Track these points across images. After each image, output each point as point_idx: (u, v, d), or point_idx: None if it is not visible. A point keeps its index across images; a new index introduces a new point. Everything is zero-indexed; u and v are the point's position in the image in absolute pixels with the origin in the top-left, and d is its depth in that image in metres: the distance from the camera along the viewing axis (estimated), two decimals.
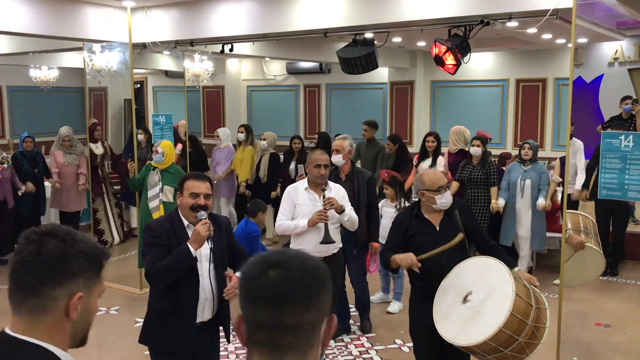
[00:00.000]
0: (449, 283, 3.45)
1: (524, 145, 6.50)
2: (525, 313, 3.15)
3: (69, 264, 1.36)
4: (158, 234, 3.14)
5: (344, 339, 5.22)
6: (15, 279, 1.36)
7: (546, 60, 10.34)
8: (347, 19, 5.61)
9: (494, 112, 10.91)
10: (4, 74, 12.03)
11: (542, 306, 3.29)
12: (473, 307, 3.27)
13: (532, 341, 3.19)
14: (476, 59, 10.19)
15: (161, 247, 3.11)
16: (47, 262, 1.34)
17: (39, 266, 1.34)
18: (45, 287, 1.34)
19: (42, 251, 1.34)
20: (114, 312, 5.92)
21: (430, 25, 5.52)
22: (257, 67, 13.05)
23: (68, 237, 1.38)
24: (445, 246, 3.49)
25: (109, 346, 5.16)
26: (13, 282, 1.37)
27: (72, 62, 9.90)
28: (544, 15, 4.70)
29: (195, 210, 3.12)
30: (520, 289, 3.20)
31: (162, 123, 6.88)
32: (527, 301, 3.18)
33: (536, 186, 6.36)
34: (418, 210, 3.68)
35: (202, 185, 3.16)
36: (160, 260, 3.07)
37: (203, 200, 3.13)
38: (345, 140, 5.06)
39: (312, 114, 12.73)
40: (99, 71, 7.25)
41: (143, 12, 6.56)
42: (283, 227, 4.38)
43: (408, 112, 11.40)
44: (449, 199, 3.62)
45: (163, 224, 3.21)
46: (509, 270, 3.28)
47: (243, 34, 6.18)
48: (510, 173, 6.56)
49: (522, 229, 6.46)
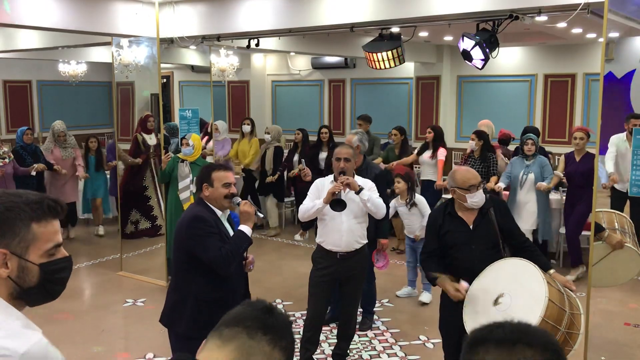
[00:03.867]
0: (481, 284, 3.38)
1: (526, 140, 6.58)
2: (557, 319, 3.06)
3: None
4: (210, 223, 3.29)
5: (368, 334, 5.22)
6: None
7: (576, 55, 10.16)
8: (374, 14, 5.58)
9: (521, 107, 10.76)
10: (34, 69, 12.25)
11: (576, 312, 3.20)
12: (504, 310, 3.18)
13: (564, 347, 3.10)
14: (504, 54, 10.05)
15: (217, 235, 3.27)
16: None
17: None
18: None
19: None
20: (140, 303, 5.99)
21: (458, 20, 5.45)
22: (282, 62, 13.06)
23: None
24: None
25: (135, 337, 5.23)
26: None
27: (100, 56, 10.02)
28: (574, 10, 4.61)
29: (229, 199, 3.33)
30: (554, 294, 3.11)
31: (188, 117, 6.95)
32: (560, 307, 3.10)
33: (539, 180, 6.45)
34: (451, 208, 3.61)
35: (231, 175, 3.41)
36: (220, 247, 3.22)
37: (234, 188, 3.39)
38: (355, 135, 5.08)
39: (337, 109, 12.71)
40: (127, 66, 7.31)
41: (170, 7, 6.61)
42: (303, 210, 4.29)
43: (434, 108, 11.31)
44: (481, 198, 3.54)
45: (208, 214, 3.34)
46: (542, 274, 3.17)
47: (269, 28, 6.18)
48: (513, 168, 6.62)
49: (521, 222, 6.41)
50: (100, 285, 6.62)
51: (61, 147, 7.98)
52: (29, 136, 7.63)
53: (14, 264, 1.42)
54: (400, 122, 11.44)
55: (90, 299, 6.29)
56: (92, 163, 8.27)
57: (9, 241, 1.41)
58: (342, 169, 4.22)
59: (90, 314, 5.76)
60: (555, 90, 10.49)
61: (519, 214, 6.44)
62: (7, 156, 7.20)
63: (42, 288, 1.47)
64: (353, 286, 4.41)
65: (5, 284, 1.43)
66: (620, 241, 4.78)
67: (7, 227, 1.42)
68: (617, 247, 4.79)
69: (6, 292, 1.43)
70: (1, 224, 1.41)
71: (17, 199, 1.45)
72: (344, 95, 12.63)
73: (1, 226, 1.41)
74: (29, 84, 12.59)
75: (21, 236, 1.42)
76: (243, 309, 1.37)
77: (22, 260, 1.43)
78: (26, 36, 7.91)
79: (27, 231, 1.43)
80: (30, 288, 1.45)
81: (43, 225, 1.45)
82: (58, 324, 5.35)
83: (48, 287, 1.48)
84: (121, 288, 6.52)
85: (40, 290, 1.47)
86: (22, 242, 1.42)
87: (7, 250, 1.41)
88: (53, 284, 1.50)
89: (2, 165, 7.07)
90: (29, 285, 1.45)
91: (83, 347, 4.96)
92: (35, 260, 1.45)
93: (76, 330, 5.31)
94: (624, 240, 4.80)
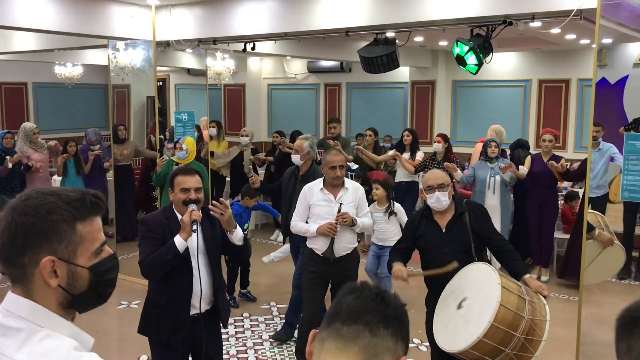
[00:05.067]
0: (451, 287, 3.41)
1: (490, 143, 6.70)
2: (512, 325, 3.01)
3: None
4: (152, 228, 3.24)
5: None
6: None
7: (570, 61, 10.22)
8: (369, 18, 5.62)
9: (516, 112, 10.81)
10: (30, 71, 12.24)
11: (539, 318, 3.12)
12: (464, 313, 3.19)
13: (523, 353, 3.05)
14: (498, 59, 10.11)
15: (154, 241, 3.20)
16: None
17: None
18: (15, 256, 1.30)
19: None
20: (134, 305, 6.00)
21: (453, 25, 5.50)
22: (278, 65, 13.09)
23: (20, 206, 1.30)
24: (435, 271, 3.43)
25: (129, 339, 5.24)
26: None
27: (96, 59, 10.03)
28: (567, 16, 4.66)
29: (186, 205, 3.19)
30: (510, 300, 3.05)
31: (184, 120, 6.97)
32: (516, 312, 3.03)
33: (505, 182, 6.55)
34: (428, 212, 3.64)
35: (191, 180, 3.24)
36: (152, 253, 3.16)
37: (194, 194, 3.21)
38: (305, 141, 5.10)
39: (333, 113, 12.73)
40: (123, 68, 7.34)
41: (167, 11, 6.63)
42: (296, 228, 4.43)
43: (429, 112, 11.35)
44: (439, 200, 3.52)
45: (158, 218, 3.30)
46: (499, 279, 3.13)
47: (265, 32, 6.22)
48: (477, 171, 6.72)
49: (494, 224, 6.48)
50: None
51: (36, 149, 7.87)
52: (8, 140, 7.43)
53: (63, 271, 1.31)
54: (395, 126, 11.49)
55: None
56: (72, 167, 8.12)
57: (55, 247, 1.29)
58: (340, 183, 4.28)
59: (84, 316, 5.72)
60: (549, 96, 10.55)
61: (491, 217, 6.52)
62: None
63: (93, 292, 1.38)
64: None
65: (54, 294, 1.31)
66: (611, 239, 4.94)
67: (52, 231, 1.29)
68: (608, 244, 4.92)
69: (56, 303, 1.32)
70: (45, 229, 1.28)
71: (56, 199, 1.31)
72: (340, 99, 12.66)
73: (45, 232, 1.28)
74: (24, 85, 12.58)
75: (68, 239, 1.30)
76: (356, 301, 1.21)
77: (71, 266, 1.32)
78: (22, 38, 7.91)
79: (73, 233, 1.31)
80: (82, 294, 1.36)
81: (88, 224, 1.34)
82: None
83: (100, 289, 1.40)
84: (116, 290, 6.49)
85: (92, 294, 1.38)
86: (69, 246, 1.31)
87: (54, 257, 1.29)
88: (104, 285, 1.41)
89: None
90: (80, 291, 1.35)
91: None
92: (85, 264, 1.34)
93: None
94: (612, 238, 4.98)
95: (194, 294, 3.23)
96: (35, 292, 1.30)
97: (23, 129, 7.97)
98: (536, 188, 6.70)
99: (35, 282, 1.30)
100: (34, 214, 1.28)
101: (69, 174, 8.15)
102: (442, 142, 7.16)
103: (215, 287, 3.29)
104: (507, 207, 6.67)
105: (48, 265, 1.28)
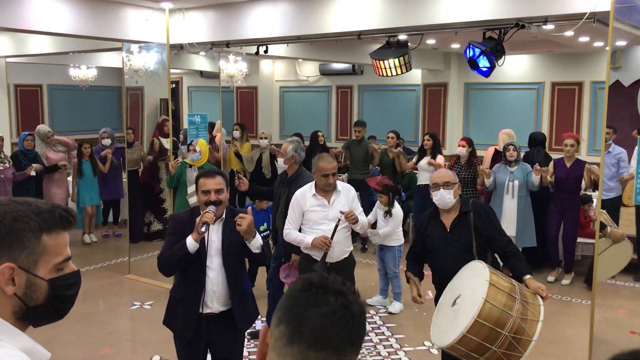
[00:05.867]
0: (450, 286, 3.45)
1: (508, 147, 6.69)
2: (498, 322, 3.00)
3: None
4: (176, 225, 3.35)
5: (373, 339, 5.25)
6: None
7: (583, 63, 10.17)
8: (381, 21, 5.63)
9: (528, 115, 10.77)
10: (45, 73, 12.38)
11: (531, 318, 3.08)
12: (456, 310, 3.22)
13: (511, 352, 3.03)
14: (511, 62, 10.08)
15: (175, 238, 3.28)
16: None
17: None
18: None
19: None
20: (147, 306, 6.05)
21: (465, 28, 5.50)
22: (290, 68, 13.14)
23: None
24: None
25: (142, 340, 5.28)
26: None
27: (110, 61, 10.14)
28: (580, 19, 4.65)
29: (207, 206, 3.26)
30: (497, 297, 3.05)
31: (197, 122, 7.02)
32: (503, 310, 3.03)
33: (524, 186, 6.55)
34: (435, 212, 3.66)
35: (211, 182, 3.30)
36: (168, 249, 3.27)
37: (214, 195, 3.26)
38: (290, 144, 5.05)
39: (344, 115, 12.76)
40: (137, 71, 7.40)
41: (181, 14, 6.69)
42: (290, 237, 4.36)
43: (441, 115, 11.33)
44: (444, 197, 3.54)
45: (184, 216, 3.40)
46: (488, 277, 3.13)
47: (278, 35, 6.25)
48: (497, 174, 6.72)
49: (509, 228, 6.50)
50: (108, 287, 6.69)
51: (54, 149, 8.05)
52: (29, 142, 7.63)
53: (21, 280, 1.28)
54: (407, 128, 11.49)
55: (97, 301, 6.34)
56: (88, 168, 8.25)
57: (16, 255, 1.27)
58: (332, 189, 4.25)
59: (97, 316, 5.82)
60: (562, 98, 10.49)
61: (507, 221, 6.51)
62: (6, 160, 7.23)
63: (49, 306, 1.33)
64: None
65: (10, 303, 1.28)
66: (622, 234, 5.09)
67: (15, 238, 1.27)
68: (619, 240, 5.08)
69: (10, 312, 1.28)
70: (8, 236, 1.27)
71: (26, 208, 1.31)
72: (352, 102, 12.68)
73: (8, 238, 1.27)
74: (39, 88, 12.73)
75: (30, 249, 1.28)
76: (322, 320, 1.15)
77: (30, 276, 1.28)
78: (38, 41, 8.02)
79: (37, 243, 1.29)
80: (37, 306, 1.31)
81: (54, 237, 1.32)
82: (65, 326, 5.41)
83: (56, 305, 1.35)
84: (129, 291, 6.58)
85: (48, 308, 1.34)
86: (30, 256, 1.28)
87: (14, 265, 1.26)
88: (62, 301, 1.36)
89: (1, 170, 7.10)
90: (36, 304, 1.31)
91: (90, 349, 5.02)
92: (45, 275, 1.31)
93: (84, 332, 5.37)
94: (623, 234, 5.20)
95: (207, 293, 3.28)
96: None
97: (38, 132, 8.14)
98: (558, 193, 6.61)
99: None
100: (0, 220, 1.28)
101: (85, 175, 8.24)
102: (466, 146, 7.14)
103: (231, 289, 3.32)
104: (525, 212, 6.58)
105: (7, 272, 1.26)
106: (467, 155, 7.16)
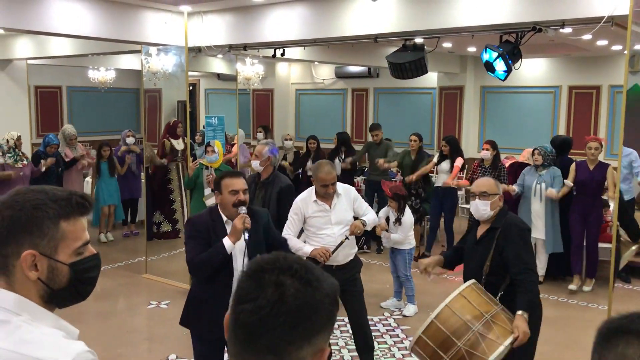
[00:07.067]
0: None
1: (534, 151, 6.69)
2: (442, 346, 2.99)
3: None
4: (199, 228, 3.36)
5: (387, 341, 5.26)
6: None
7: (601, 67, 10.09)
8: (398, 25, 5.65)
9: (545, 119, 10.71)
10: (65, 75, 12.56)
11: (492, 338, 2.98)
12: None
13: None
14: (528, 65, 10.04)
15: (200, 240, 3.31)
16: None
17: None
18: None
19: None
20: (164, 306, 6.11)
21: (482, 32, 5.50)
22: (306, 71, 13.19)
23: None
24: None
25: (159, 339, 5.34)
26: None
27: (129, 64, 10.26)
28: (598, 22, 4.63)
29: (236, 207, 3.29)
30: (450, 322, 3.02)
31: (214, 124, 7.09)
32: (449, 335, 2.99)
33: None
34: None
35: (239, 182, 3.36)
36: (199, 253, 3.27)
37: (242, 195, 3.32)
38: (265, 146, 5.00)
39: (360, 118, 12.78)
40: (155, 73, 7.49)
41: (199, 17, 6.76)
42: (289, 244, 4.27)
43: (457, 118, 11.31)
44: (477, 208, 3.45)
45: (204, 219, 3.41)
46: (464, 289, 3.12)
47: (295, 39, 6.30)
48: (525, 177, 6.73)
49: (537, 231, 6.51)
50: (125, 287, 6.77)
51: (72, 149, 8.24)
52: (53, 148, 7.76)
53: (43, 265, 1.35)
54: (423, 131, 11.43)
55: (115, 300, 6.42)
56: (106, 169, 8.41)
57: (37, 241, 1.34)
58: (332, 197, 4.23)
59: (115, 316, 5.89)
60: (579, 102, 10.42)
61: (534, 224, 6.52)
62: (24, 158, 7.36)
63: (72, 288, 1.41)
64: (355, 295, 4.28)
65: (35, 287, 1.36)
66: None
67: (35, 226, 1.34)
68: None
69: (36, 296, 1.37)
70: (29, 224, 1.34)
71: (43, 196, 1.37)
72: (367, 105, 12.70)
73: (29, 225, 1.34)
74: (59, 89, 12.91)
75: (50, 235, 1.35)
76: (250, 317, 1.03)
77: (51, 261, 1.36)
78: (58, 43, 8.14)
79: (56, 230, 1.36)
80: (61, 289, 1.39)
81: (72, 223, 1.39)
82: (83, 324, 5.49)
83: (79, 287, 1.43)
84: (145, 290, 6.65)
85: (71, 290, 1.41)
86: (51, 242, 1.36)
87: (36, 251, 1.34)
88: (83, 283, 1.44)
89: (20, 167, 7.23)
90: (59, 287, 1.39)
91: (108, 347, 5.09)
92: (65, 260, 1.39)
93: (101, 331, 5.44)
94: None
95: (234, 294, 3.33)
96: (16, 284, 1.35)
97: (63, 132, 8.30)
98: (580, 196, 6.50)
99: (17, 275, 1.35)
100: (20, 208, 1.34)
101: (103, 175, 8.37)
102: (490, 149, 7.12)
103: None
104: (553, 215, 6.57)
105: (29, 258, 1.34)
106: (491, 158, 7.14)
